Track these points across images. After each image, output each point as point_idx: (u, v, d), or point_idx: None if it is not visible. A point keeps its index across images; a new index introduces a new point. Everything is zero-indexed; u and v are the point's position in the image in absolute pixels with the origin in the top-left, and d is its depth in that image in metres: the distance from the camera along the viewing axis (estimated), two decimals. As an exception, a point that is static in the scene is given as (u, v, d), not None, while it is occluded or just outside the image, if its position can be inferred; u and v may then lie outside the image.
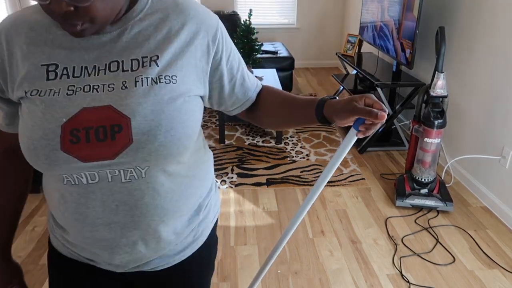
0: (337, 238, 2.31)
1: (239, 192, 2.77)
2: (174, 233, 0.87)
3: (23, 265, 2.09)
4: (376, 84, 3.16)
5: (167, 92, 0.75)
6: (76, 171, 0.74)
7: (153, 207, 0.80)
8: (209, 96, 0.89)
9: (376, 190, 2.80)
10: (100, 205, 0.78)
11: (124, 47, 0.76)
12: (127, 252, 0.84)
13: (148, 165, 0.76)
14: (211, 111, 4.26)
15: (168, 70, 0.76)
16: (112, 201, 0.78)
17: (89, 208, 0.78)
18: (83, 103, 0.73)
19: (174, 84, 0.76)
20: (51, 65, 0.75)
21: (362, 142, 3.37)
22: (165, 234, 0.85)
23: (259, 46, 3.58)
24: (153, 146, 0.73)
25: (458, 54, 2.91)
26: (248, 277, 2.01)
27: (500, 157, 2.50)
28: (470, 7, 2.76)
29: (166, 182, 0.80)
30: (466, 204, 2.64)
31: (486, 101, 2.62)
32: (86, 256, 0.88)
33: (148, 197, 0.79)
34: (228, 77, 0.88)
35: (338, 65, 6.15)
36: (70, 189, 0.78)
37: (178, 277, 0.96)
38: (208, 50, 0.81)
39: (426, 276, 2.03)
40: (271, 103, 0.93)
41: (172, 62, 0.77)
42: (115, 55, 0.75)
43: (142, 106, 0.73)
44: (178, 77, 0.77)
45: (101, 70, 0.75)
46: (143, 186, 0.78)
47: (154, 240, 0.84)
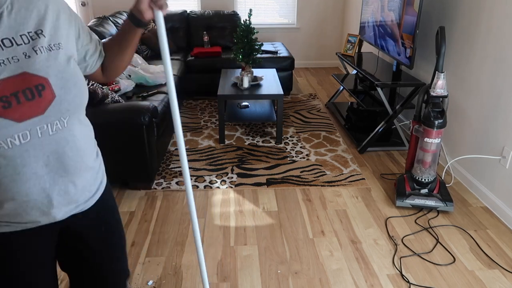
0: (337, 238, 2.31)
1: (239, 192, 2.77)
2: (92, 171, 1.10)
3: (23, 265, 2.09)
4: (376, 84, 3.16)
5: (61, 56, 0.97)
6: (11, 133, 0.88)
7: (76, 150, 1.01)
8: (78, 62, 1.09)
9: (376, 190, 2.80)
10: (34, 160, 0.94)
11: (8, 26, 0.91)
12: (62, 197, 1.01)
13: (68, 115, 0.97)
14: (211, 111, 4.26)
15: (54, 39, 0.97)
16: (43, 154, 0.95)
17: (25, 166, 0.93)
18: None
19: (62, 49, 0.98)
20: None
21: (362, 142, 3.37)
22: (87, 173, 1.07)
23: (259, 46, 3.58)
24: (70, 96, 0.96)
25: (458, 54, 2.91)
26: (248, 277, 2.01)
27: (500, 157, 2.50)
28: (470, 7, 2.76)
29: (80, 128, 1.04)
30: (466, 204, 2.64)
31: (486, 101, 2.62)
32: (22, 220, 1.00)
33: (71, 143, 1.00)
34: (86, 41, 1.11)
35: (338, 65, 6.15)
36: (5, 154, 0.90)
37: (103, 210, 1.19)
38: (70, 22, 1.04)
39: (426, 276, 2.03)
40: (109, 46, 1.20)
41: (54, 33, 0.98)
42: (2, 34, 0.90)
43: (51, 67, 0.93)
44: (62, 44, 0.99)
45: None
46: (66, 134, 0.98)
47: (80, 180, 1.05)
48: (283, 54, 4.70)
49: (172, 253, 2.18)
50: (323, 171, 3.04)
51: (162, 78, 3.56)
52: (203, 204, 2.63)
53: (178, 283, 1.98)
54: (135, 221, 2.45)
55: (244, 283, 1.98)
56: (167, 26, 4.64)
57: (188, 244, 2.25)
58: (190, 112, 4.23)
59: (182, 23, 4.95)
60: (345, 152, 3.35)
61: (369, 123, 3.83)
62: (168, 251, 2.19)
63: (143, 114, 2.54)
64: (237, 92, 3.42)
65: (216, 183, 2.87)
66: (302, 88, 5.06)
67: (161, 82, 3.57)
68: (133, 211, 2.55)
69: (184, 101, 4.58)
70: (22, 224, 1.01)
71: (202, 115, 4.13)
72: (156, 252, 2.19)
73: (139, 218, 2.49)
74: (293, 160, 3.20)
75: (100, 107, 2.58)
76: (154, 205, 2.62)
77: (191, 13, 5.04)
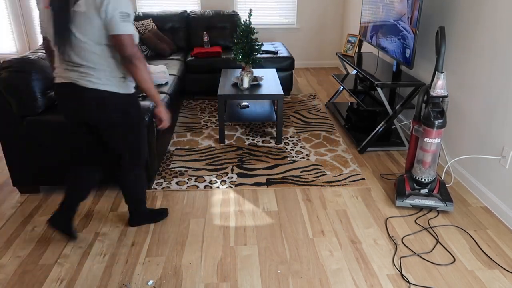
0: (337, 238, 2.31)
1: (239, 192, 2.77)
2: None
3: (23, 265, 2.09)
4: (376, 84, 3.16)
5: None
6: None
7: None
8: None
9: (376, 190, 2.80)
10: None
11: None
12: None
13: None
14: (211, 111, 4.26)
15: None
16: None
17: None
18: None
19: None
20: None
21: (362, 142, 3.37)
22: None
23: (259, 46, 3.58)
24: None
25: (458, 54, 2.91)
26: (248, 277, 2.01)
27: (500, 157, 2.50)
28: (470, 7, 2.76)
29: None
30: (466, 204, 2.64)
31: (486, 101, 2.62)
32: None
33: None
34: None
35: (338, 65, 6.15)
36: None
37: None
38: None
39: (426, 276, 2.03)
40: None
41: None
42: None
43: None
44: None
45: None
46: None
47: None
48: (283, 54, 4.70)
49: (172, 253, 2.18)
50: (323, 171, 3.04)
51: (162, 78, 3.56)
52: (203, 204, 2.63)
53: (178, 283, 1.98)
54: (135, 221, 2.45)
55: (244, 283, 1.98)
56: (167, 26, 4.65)
57: (188, 244, 2.25)
58: (190, 112, 4.23)
59: (182, 23, 4.95)
60: (345, 152, 3.35)
61: (369, 123, 3.83)
62: (168, 251, 2.20)
63: (143, 114, 2.54)
64: (237, 92, 3.42)
65: (216, 183, 2.87)
66: (302, 88, 5.06)
67: (161, 82, 3.57)
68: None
69: (184, 101, 4.58)
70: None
71: (202, 115, 4.14)
72: (156, 252, 2.19)
73: (139, 218, 2.49)
74: (293, 160, 3.20)
75: (100, 107, 2.58)
76: (154, 205, 2.62)
77: (191, 13, 5.04)
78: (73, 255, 2.17)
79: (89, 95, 1.86)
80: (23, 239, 2.30)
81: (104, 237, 2.31)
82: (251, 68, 3.72)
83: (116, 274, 2.03)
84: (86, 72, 1.84)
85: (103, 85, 1.86)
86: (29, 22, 5.68)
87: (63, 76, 1.88)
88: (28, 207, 2.60)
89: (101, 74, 1.86)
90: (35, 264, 2.10)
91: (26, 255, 2.17)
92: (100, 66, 1.84)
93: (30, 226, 2.41)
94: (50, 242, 2.27)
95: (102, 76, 1.86)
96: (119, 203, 2.63)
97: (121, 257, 2.15)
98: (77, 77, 1.85)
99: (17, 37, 5.75)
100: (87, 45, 1.79)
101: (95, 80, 1.85)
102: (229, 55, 4.65)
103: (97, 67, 1.84)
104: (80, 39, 1.78)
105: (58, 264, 2.10)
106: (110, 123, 1.96)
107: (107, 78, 1.87)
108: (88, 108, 1.89)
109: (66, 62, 1.85)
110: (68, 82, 1.86)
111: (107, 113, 1.92)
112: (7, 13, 5.63)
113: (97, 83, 1.85)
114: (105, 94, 1.88)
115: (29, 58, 2.48)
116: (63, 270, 2.06)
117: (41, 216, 2.51)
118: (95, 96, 1.87)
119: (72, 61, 1.84)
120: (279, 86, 3.58)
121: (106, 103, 1.90)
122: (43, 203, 2.64)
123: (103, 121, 1.95)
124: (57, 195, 2.73)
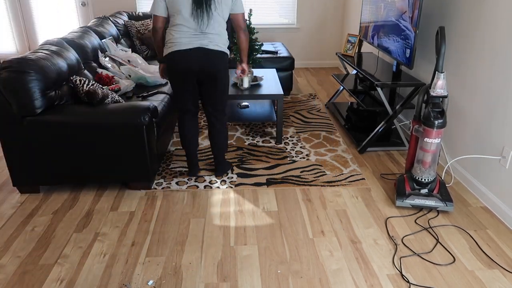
0: (337, 238, 2.31)
1: (239, 192, 2.77)
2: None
3: (22, 265, 2.09)
4: (376, 84, 3.16)
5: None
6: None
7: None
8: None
9: (376, 190, 2.80)
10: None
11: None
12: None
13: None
14: (211, 111, 4.26)
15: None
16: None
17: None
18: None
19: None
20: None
21: (362, 142, 3.37)
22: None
23: (259, 46, 3.58)
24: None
25: (458, 54, 2.91)
26: (248, 277, 2.01)
27: (500, 157, 2.50)
28: (470, 7, 2.76)
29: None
30: (466, 204, 2.64)
31: (486, 101, 2.62)
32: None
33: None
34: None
35: (338, 65, 6.15)
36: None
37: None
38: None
39: (426, 276, 2.03)
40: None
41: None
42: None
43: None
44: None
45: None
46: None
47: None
48: (283, 54, 4.70)
49: (172, 253, 2.18)
50: (323, 171, 3.04)
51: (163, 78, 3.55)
52: (203, 204, 2.63)
53: (178, 283, 1.98)
54: (135, 221, 2.45)
55: (244, 283, 1.98)
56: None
57: (188, 244, 2.25)
58: (190, 112, 4.22)
59: (182, 23, 4.95)
60: (345, 152, 3.35)
61: (369, 123, 3.83)
62: (168, 251, 2.20)
63: (143, 114, 2.54)
64: (237, 92, 3.42)
65: (216, 183, 2.87)
66: (302, 88, 5.06)
67: (161, 82, 3.57)
68: (133, 211, 2.55)
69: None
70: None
71: (202, 115, 4.13)
72: (156, 252, 2.19)
73: (139, 218, 2.49)
74: (293, 160, 3.20)
75: (100, 107, 2.58)
76: (154, 205, 2.62)
77: (191, 13, 5.04)
78: (73, 255, 2.17)
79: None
80: (23, 239, 2.30)
81: (104, 237, 2.31)
82: (251, 68, 3.71)
83: (116, 274, 2.03)
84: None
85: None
86: (29, 22, 5.68)
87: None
88: (28, 207, 2.60)
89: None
90: (35, 264, 2.10)
91: (26, 255, 2.17)
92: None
93: (30, 226, 2.42)
94: (50, 242, 2.27)
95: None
96: (119, 203, 2.63)
97: (121, 257, 2.15)
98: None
99: (17, 37, 5.75)
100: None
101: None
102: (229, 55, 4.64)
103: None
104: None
105: (58, 264, 2.10)
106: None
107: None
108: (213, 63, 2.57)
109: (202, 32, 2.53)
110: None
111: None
112: (7, 13, 5.63)
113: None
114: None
115: (29, 58, 2.48)
116: (63, 270, 2.06)
117: (41, 216, 2.51)
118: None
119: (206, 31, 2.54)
120: (279, 86, 3.58)
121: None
122: (43, 203, 2.64)
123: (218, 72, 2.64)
124: (57, 195, 2.73)
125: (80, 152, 2.59)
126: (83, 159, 2.61)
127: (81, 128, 2.52)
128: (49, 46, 2.83)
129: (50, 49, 2.77)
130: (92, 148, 2.58)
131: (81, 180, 2.69)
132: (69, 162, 2.61)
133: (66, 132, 2.52)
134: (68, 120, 2.50)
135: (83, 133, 2.53)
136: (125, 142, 2.58)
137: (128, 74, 3.56)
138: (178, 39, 2.50)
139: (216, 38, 2.53)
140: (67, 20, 5.71)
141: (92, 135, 2.54)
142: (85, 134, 2.53)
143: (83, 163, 2.62)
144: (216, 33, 2.52)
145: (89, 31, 3.60)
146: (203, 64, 2.53)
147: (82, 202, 2.65)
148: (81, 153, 2.59)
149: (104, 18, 4.27)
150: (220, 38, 2.55)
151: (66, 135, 2.53)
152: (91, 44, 3.44)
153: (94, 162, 2.62)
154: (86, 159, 2.61)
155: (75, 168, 2.64)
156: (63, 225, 2.42)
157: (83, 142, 2.56)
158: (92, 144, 2.57)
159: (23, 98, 2.41)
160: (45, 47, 2.79)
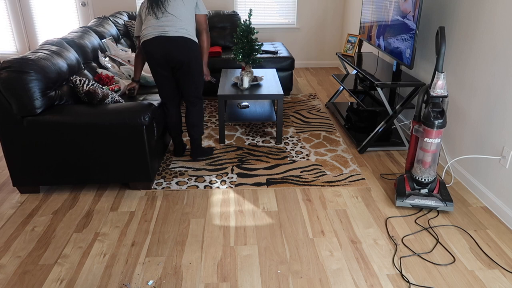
0: (337, 238, 2.31)
1: (239, 192, 2.77)
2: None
3: (22, 265, 2.09)
4: (376, 84, 3.16)
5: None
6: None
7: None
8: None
9: (376, 190, 2.80)
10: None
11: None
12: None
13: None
14: (211, 111, 4.26)
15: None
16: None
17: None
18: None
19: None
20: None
21: (362, 142, 3.37)
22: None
23: (259, 46, 3.58)
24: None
25: (458, 54, 2.91)
26: (248, 277, 2.01)
27: (500, 157, 2.50)
28: (470, 7, 2.76)
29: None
30: (466, 204, 2.64)
31: (486, 101, 2.62)
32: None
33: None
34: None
35: (338, 65, 6.15)
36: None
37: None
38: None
39: (426, 276, 2.03)
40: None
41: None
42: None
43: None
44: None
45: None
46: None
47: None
48: (283, 54, 4.70)
49: (172, 253, 2.18)
50: (323, 171, 3.04)
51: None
52: (203, 204, 2.63)
53: (178, 283, 1.98)
54: (135, 221, 2.45)
55: (244, 283, 1.98)
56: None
57: (188, 244, 2.25)
58: (190, 112, 4.22)
59: (182, 23, 4.95)
60: (345, 152, 3.35)
61: (369, 123, 3.83)
62: (168, 251, 2.20)
63: (143, 114, 2.54)
64: (237, 92, 3.42)
65: (216, 183, 2.87)
66: (302, 88, 5.06)
67: (161, 82, 3.56)
68: (133, 211, 2.55)
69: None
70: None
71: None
72: (156, 252, 2.19)
73: (139, 218, 2.49)
74: (293, 160, 3.20)
75: (100, 107, 2.58)
76: (154, 205, 2.62)
77: (191, 13, 5.04)
78: (73, 255, 2.17)
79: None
80: (23, 239, 2.30)
81: (104, 237, 2.31)
82: (251, 68, 3.71)
83: (116, 274, 2.03)
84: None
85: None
86: (29, 22, 5.68)
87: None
88: (28, 207, 2.60)
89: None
90: (35, 264, 2.10)
91: (26, 255, 2.17)
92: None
93: (30, 226, 2.42)
94: (50, 242, 2.27)
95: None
96: (119, 203, 2.63)
97: (121, 257, 2.16)
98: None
99: (17, 37, 5.75)
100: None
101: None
102: (229, 55, 4.65)
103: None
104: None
105: (58, 264, 2.10)
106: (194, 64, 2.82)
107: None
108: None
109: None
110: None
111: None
112: (7, 13, 5.63)
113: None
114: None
115: (29, 58, 2.48)
116: (63, 270, 2.06)
117: (41, 216, 2.51)
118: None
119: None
120: (279, 86, 3.58)
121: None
122: (43, 203, 2.64)
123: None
124: (57, 195, 2.73)
125: (80, 152, 2.59)
126: (83, 159, 2.61)
127: (81, 128, 2.52)
128: (49, 46, 2.83)
129: (50, 49, 2.77)
130: (92, 148, 2.58)
131: (81, 180, 2.69)
132: (69, 162, 2.61)
133: (66, 132, 2.52)
134: (68, 120, 2.50)
135: (83, 133, 2.53)
136: (125, 142, 2.58)
137: (128, 74, 3.56)
138: (144, 30, 2.72)
139: (177, 23, 2.66)
140: (67, 20, 5.71)
141: (92, 135, 2.54)
142: (85, 134, 2.53)
143: (83, 163, 2.62)
144: (177, 18, 2.66)
145: (89, 31, 3.60)
146: (166, 52, 2.68)
147: (82, 202, 2.65)
148: (81, 153, 2.59)
149: (104, 18, 4.27)
150: (181, 23, 2.67)
151: (66, 135, 2.53)
152: (91, 44, 3.44)
153: (94, 162, 2.62)
154: (86, 159, 2.61)
155: (75, 168, 2.64)
156: (63, 225, 2.42)
157: (83, 142, 2.56)
158: (92, 144, 2.57)
159: (23, 98, 2.41)
160: (45, 47, 2.79)
